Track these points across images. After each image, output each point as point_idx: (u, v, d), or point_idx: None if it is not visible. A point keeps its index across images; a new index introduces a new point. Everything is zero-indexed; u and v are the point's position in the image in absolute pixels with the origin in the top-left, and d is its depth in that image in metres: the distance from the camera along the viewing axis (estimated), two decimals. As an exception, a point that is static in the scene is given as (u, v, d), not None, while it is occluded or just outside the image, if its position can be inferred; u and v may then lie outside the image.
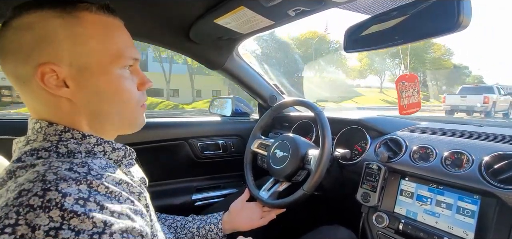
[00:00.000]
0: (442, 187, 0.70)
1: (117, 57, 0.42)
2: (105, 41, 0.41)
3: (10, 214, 0.29)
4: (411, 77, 0.84)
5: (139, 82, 0.46)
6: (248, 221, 0.80)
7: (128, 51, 0.43)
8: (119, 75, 0.42)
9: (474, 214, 0.63)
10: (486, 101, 9.48)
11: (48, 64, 0.37)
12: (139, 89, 0.46)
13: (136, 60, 0.45)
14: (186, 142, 1.24)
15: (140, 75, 0.47)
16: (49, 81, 0.38)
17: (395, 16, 0.53)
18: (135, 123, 0.47)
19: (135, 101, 0.45)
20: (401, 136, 0.86)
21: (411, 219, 0.73)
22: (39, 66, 0.37)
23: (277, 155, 0.91)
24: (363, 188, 0.82)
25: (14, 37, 0.37)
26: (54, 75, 0.38)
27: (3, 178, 0.35)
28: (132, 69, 0.45)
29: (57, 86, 0.38)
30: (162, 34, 0.93)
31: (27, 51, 0.37)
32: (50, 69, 0.37)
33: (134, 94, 0.45)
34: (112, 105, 0.43)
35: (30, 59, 0.37)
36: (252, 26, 0.77)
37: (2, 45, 0.39)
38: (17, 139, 0.41)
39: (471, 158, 0.67)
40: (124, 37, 0.44)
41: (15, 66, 0.38)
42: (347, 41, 0.64)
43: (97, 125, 0.43)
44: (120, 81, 0.42)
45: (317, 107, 0.86)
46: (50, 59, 0.37)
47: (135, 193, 0.41)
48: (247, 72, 1.24)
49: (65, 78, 0.39)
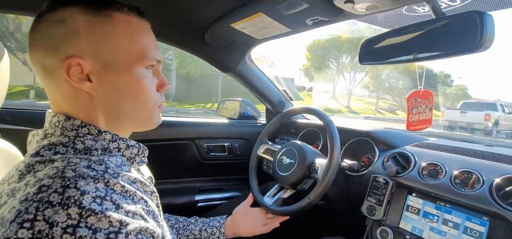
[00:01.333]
0: (450, 206, 0.70)
1: (141, 57, 0.43)
2: (132, 41, 0.42)
3: (30, 209, 0.29)
4: (425, 94, 0.83)
5: (158, 83, 0.47)
6: (251, 227, 0.80)
7: (152, 52, 0.44)
8: (141, 74, 0.43)
9: (482, 236, 0.62)
10: (487, 119, 8.87)
11: (75, 58, 0.38)
12: (158, 91, 0.48)
13: (158, 62, 0.47)
14: (192, 142, 1.25)
15: (160, 77, 0.48)
16: (74, 74, 0.39)
17: (413, 31, 0.53)
18: (151, 122, 0.48)
19: (153, 102, 0.46)
20: (410, 151, 0.86)
21: (416, 236, 0.72)
22: (66, 59, 0.38)
23: (284, 161, 0.91)
24: (369, 200, 0.81)
25: (46, 30, 0.39)
26: (79, 69, 0.39)
27: (22, 171, 0.35)
28: (153, 70, 0.47)
29: (81, 80, 0.39)
30: (178, 34, 0.95)
31: (56, 44, 0.39)
32: (76, 62, 0.38)
33: (153, 95, 0.46)
34: (131, 103, 0.44)
35: (59, 51, 0.38)
36: (268, 32, 0.78)
37: (33, 36, 0.40)
38: (34, 131, 0.42)
39: (482, 179, 0.67)
40: (149, 39, 0.45)
41: (43, 57, 0.40)
42: (362, 52, 0.65)
43: (114, 121, 0.44)
44: (141, 81, 0.43)
45: (327, 116, 0.87)
46: (77, 53, 0.39)
47: (148, 192, 0.41)
48: (257, 76, 1.25)
49: (89, 72, 0.40)
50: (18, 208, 0.30)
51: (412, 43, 0.55)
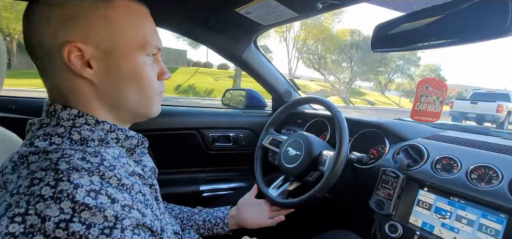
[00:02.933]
0: (464, 202, 0.66)
1: (143, 44, 0.42)
2: (133, 27, 0.41)
3: (21, 203, 0.28)
4: (439, 84, 0.78)
5: (159, 72, 0.47)
6: (256, 219, 0.78)
7: (153, 39, 0.44)
8: (142, 62, 0.42)
9: (498, 234, 0.59)
10: (499, 110, 8.36)
11: (75, 43, 0.37)
12: (159, 79, 0.47)
13: (159, 49, 0.46)
14: (197, 131, 1.24)
15: (161, 65, 0.47)
16: (75, 60, 0.38)
17: (432, 15, 0.49)
18: (151, 110, 0.47)
19: (154, 90, 0.45)
20: (423, 143, 0.82)
21: (427, 232, 0.69)
22: (66, 44, 0.37)
23: (290, 153, 0.89)
24: (378, 194, 0.79)
25: (44, 13, 0.37)
26: (80, 55, 0.38)
27: (15, 162, 0.34)
28: (154, 58, 0.46)
29: (82, 66, 0.38)
30: (181, 21, 0.92)
31: (55, 28, 0.37)
32: (76, 48, 0.37)
33: (154, 82, 0.45)
34: (132, 91, 0.42)
35: (58, 36, 0.37)
36: (275, 17, 0.75)
37: (29, 19, 0.38)
38: (31, 120, 0.41)
39: (500, 174, 0.63)
40: (150, 25, 0.44)
41: (40, 42, 0.38)
42: (375, 39, 0.60)
43: (114, 109, 0.43)
44: (143, 68, 0.42)
45: (335, 107, 0.83)
46: (78, 39, 0.37)
47: (146, 185, 0.40)
48: (264, 65, 1.22)
49: (90, 59, 0.39)
50: (9, 201, 0.29)
51: (430, 28, 0.50)
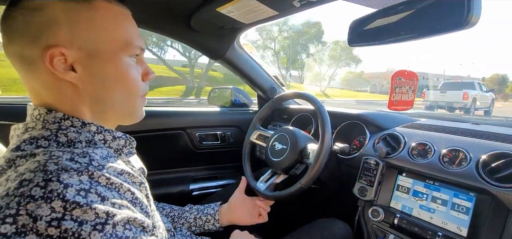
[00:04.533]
0: (439, 184, 0.72)
1: (126, 45, 0.42)
2: (116, 29, 0.41)
3: (11, 204, 0.28)
4: (410, 75, 0.83)
5: (143, 72, 0.47)
6: (248, 218, 0.80)
7: (136, 40, 0.44)
8: (126, 63, 0.42)
9: (468, 211, 0.64)
10: (465, 98, 9.30)
11: (58, 47, 0.37)
12: (143, 80, 0.47)
13: (142, 50, 0.46)
14: (184, 131, 1.24)
15: (144, 66, 0.47)
16: (58, 64, 0.37)
17: (402, 11, 0.53)
18: (136, 114, 0.47)
19: (139, 91, 0.45)
20: (400, 132, 0.86)
21: (406, 214, 0.74)
22: (49, 49, 0.36)
23: (276, 147, 0.91)
24: (360, 182, 0.83)
25: (23, 18, 0.37)
26: (63, 59, 0.37)
27: (2, 166, 0.34)
28: (138, 59, 0.46)
29: (65, 70, 0.38)
30: (163, 22, 0.91)
31: (36, 33, 0.36)
32: (59, 52, 0.37)
33: (138, 83, 0.45)
34: (116, 92, 0.43)
35: (39, 40, 0.37)
36: (255, 16, 0.76)
37: (8, 25, 0.38)
38: (16, 125, 0.40)
39: (469, 156, 0.68)
40: (132, 26, 0.44)
41: (21, 47, 0.37)
42: (351, 34, 0.64)
43: (99, 112, 0.43)
44: (127, 69, 0.42)
45: (318, 101, 0.86)
46: (60, 42, 0.37)
47: (136, 183, 0.41)
48: (247, 63, 1.23)
49: (73, 62, 0.38)
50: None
51: (400, 23, 0.54)
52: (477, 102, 9.87)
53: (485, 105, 10.45)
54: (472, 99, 9.56)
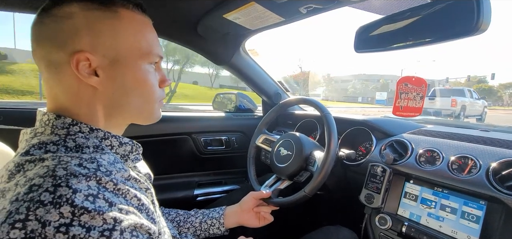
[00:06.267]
0: (448, 191, 0.70)
1: (146, 53, 0.44)
2: (137, 37, 0.43)
3: (21, 209, 0.29)
4: (418, 81, 0.83)
5: (160, 79, 0.48)
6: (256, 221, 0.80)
7: (156, 48, 0.46)
8: (146, 70, 0.44)
9: (479, 220, 0.63)
10: (453, 105, 9.35)
11: (84, 53, 0.39)
12: (160, 87, 0.48)
13: (161, 58, 0.47)
14: (189, 136, 1.24)
15: (162, 73, 0.49)
16: (83, 69, 0.39)
17: (409, 17, 0.52)
18: (153, 116, 0.49)
19: (156, 96, 0.47)
20: (408, 138, 0.85)
21: (414, 222, 0.73)
22: (75, 54, 0.38)
23: (281, 153, 0.91)
24: (367, 189, 0.82)
25: (53, 24, 0.39)
26: (87, 64, 0.39)
27: (12, 171, 0.35)
28: (156, 66, 0.47)
29: (89, 74, 0.40)
30: (170, 28, 0.93)
31: (64, 38, 0.38)
32: (85, 57, 0.39)
33: (156, 89, 0.47)
34: (135, 98, 0.44)
35: (67, 46, 0.38)
36: (262, 22, 0.77)
37: (38, 31, 0.40)
38: (24, 130, 0.41)
39: (478, 163, 0.67)
40: (153, 35, 0.46)
41: (49, 52, 0.39)
42: (357, 41, 0.64)
43: (113, 115, 0.44)
44: (146, 76, 0.44)
45: (325, 108, 0.86)
46: (86, 48, 0.39)
47: (142, 189, 0.41)
48: (253, 68, 1.24)
49: (96, 67, 0.40)
50: (9, 208, 0.29)
51: (408, 29, 0.54)
52: (467, 110, 9.90)
53: (477, 113, 10.47)
54: (461, 106, 9.63)
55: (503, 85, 46.13)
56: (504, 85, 45.74)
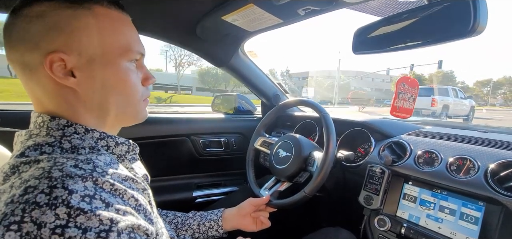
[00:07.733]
0: (446, 193, 0.70)
1: (125, 51, 0.42)
2: (114, 34, 0.41)
3: (16, 211, 0.28)
4: (413, 82, 0.83)
5: (143, 77, 0.47)
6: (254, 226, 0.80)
7: (136, 45, 0.44)
8: (126, 68, 0.43)
9: (478, 221, 0.63)
10: (433, 104, 9.16)
11: (57, 53, 0.37)
12: (143, 85, 0.47)
13: (142, 55, 0.46)
14: (188, 138, 1.24)
15: (144, 71, 0.47)
16: (57, 70, 0.38)
17: (406, 19, 0.53)
18: (138, 116, 0.48)
19: (139, 95, 0.46)
20: (406, 139, 0.86)
21: (413, 223, 0.72)
22: (48, 55, 0.37)
23: (280, 154, 0.91)
24: (366, 190, 0.82)
25: (24, 25, 0.37)
26: (62, 64, 0.38)
27: (6, 172, 0.34)
28: (138, 64, 0.46)
29: (64, 76, 0.38)
30: (168, 29, 0.93)
31: (36, 39, 0.37)
32: (59, 58, 0.37)
33: (138, 88, 0.45)
34: (116, 97, 0.43)
35: (39, 47, 0.37)
36: (260, 24, 0.77)
37: (10, 32, 0.38)
38: (19, 131, 0.40)
39: (477, 164, 0.67)
40: (132, 32, 0.44)
41: (22, 54, 0.38)
42: (355, 42, 0.64)
43: (100, 117, 0.43)
44: (126, 74, 0.43)
45: (323, 109, 0.86)
46: (60, 48, 0.37)
47: (139, 190, 0.41)
48: (251, 70, 1.24)
49: (72, 68, 0.39)
50: (4, 210, 0.29)
51: (405, 31, 0.54)
52: (450, 109, 9.65)
53: (463, 113, 10.21)
54: (443, 106, 9.39)
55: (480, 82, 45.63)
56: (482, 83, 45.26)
